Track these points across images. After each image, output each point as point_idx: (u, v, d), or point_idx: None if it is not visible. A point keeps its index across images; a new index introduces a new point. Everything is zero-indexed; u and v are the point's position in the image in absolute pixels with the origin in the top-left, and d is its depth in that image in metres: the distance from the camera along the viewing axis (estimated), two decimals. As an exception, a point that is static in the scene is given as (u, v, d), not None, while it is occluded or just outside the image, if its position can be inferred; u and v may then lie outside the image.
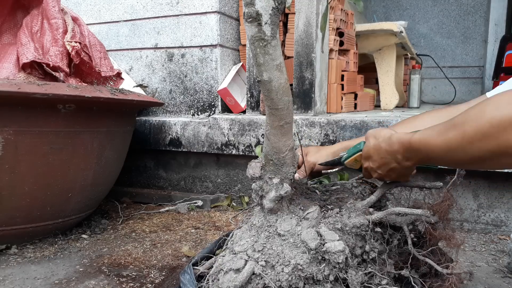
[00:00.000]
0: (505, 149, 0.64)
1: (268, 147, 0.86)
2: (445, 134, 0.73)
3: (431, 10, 4.49)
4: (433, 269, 0.85)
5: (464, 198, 1.53)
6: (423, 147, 0.78)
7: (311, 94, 1.80)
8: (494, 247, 1.36)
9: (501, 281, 1.11)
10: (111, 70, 1.57)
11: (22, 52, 1.35)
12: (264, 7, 0.73)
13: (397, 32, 2.28)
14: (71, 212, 1.43)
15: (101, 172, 1.47)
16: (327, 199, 0.98)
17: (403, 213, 0.86)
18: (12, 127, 1.19)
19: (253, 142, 1.82)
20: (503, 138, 0.63)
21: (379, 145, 0.87)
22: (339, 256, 0.78)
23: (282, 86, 0.79)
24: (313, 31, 1.76)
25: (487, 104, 0.66)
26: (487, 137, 0.65)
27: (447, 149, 0.73)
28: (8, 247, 1.33)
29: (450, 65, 4.37)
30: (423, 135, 0.78)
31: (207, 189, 2.02)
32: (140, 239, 1.46)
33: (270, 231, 0.86)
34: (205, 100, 2.08)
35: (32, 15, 1.46)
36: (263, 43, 0.75)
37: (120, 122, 1.52)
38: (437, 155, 0.77)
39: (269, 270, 0.80)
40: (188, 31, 2.06)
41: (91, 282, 1.10)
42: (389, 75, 2.52)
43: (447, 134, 0.72)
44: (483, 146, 0.66)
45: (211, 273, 0.87)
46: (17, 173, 1.23)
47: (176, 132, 2.00)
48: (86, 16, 2.26)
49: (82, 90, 1.25)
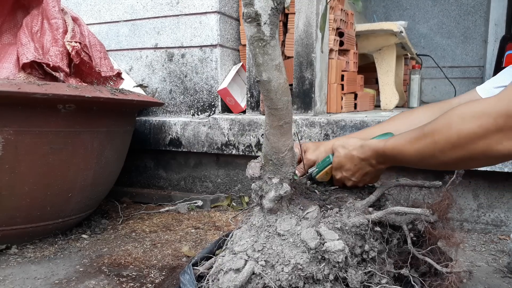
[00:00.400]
0: (473, 156, 0.71)
1: (268, 147, 0.86)
2: (417, 143, 0.79)
3: (431, 10, 4.49)
4: (432, 268, 0.85)
5: (464, 198, 1.53)
6: (397, 154, 0.84)
7: (311, 94, 1.80)
8: (494, 247, 1.36)
9: (501, 281, 1.11)
10: (111, 70, 1.57)
11: (22, 52, 1.35)
12: (263, 7, 0.73)
13: (397, 32, 2.28)
14: (71, 212, 1.43)
15: (101, 172, 1.47)
16: (327, 199, 0.98)
17: (403, 212, 0.86)
18: (12, 127, 1.19)
19: (253, 142, 1.82)
20: (470, 148, 0.71)
21: (351, 154, 0.93)
22: (339, 255, 0.79)
23: (281, 86, 0.79)
24: (313, 31, 1.76)
25: (453, 116, 0.73)
26: (456, 147, 0.72)
27: (420, 157, 0.80)
28: (8, 247, 1.33)
29: (450, 65, 4.37)
30: (396, 143, 0.84)
31: (207, 189, 2.02)
32: (140, 239, 1.46)
33: (270, 231, 0.86)
34: (205, 100, 2.08)
35: (32, 15, 1.46)
36: (262, 43, 0.75)
37: (120, 122, 1.53)
38: (410, 161, 0.84)
39: (269, 269, 0.80)
40: (188, 31, 2.06)
41: (91, 282, 1.10)
42: (389, 75, 2.52)
43: (418, 143, 0.79)
44: (453, 154, 0.74)
45: (211, 273, 0.87)
46: (17, 173, 1.23)
47: (176, 132, 2.00)
48: (86, 16, 2.26)
49: (82, 90, 1.26)
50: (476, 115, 0.69)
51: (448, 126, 0.73)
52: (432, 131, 0.76)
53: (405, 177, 1.09)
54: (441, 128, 0.74)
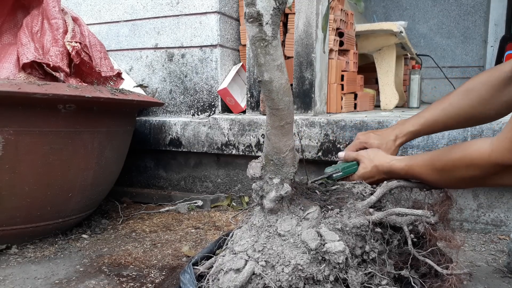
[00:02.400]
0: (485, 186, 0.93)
1: (269, 147, 0.86)
2: (434, 175, 0.90)
3: (431, 10, 4.49)
4: (433, 269, 0.85)
5: (464, 198, 1.53)
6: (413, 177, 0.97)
7: (311, 94, 1.80)
8: (494, 247, 1.36)
9: (500, 281, 1.11)
10: (111, 70, 1.57)
11: (23, 52, 1.35)
12: (265, 7, 0.73)
13: (397, 32, 2.28)
14: (71, 212, 1.43)
15: (101, 172, 1.47)
16: (327, 199, 0.98)
17: (403, 213, 0.86)
18: (12, 127, 1.19)
19: (253, 142, 1.82)
20: (480, 184, 0.85)
21: (377, 170, 1.04)
22: (339, 256, 0.79)
23: (283, 87, 0.79)
24: (313, 31, 1.77)
25: (462, 161, 0.84)
26: (467, 183, 0.89)
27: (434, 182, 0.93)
28: (8, 247, 1.33)
29: (450, 65, 4.37)
30: (416, 170, 0.94)
31: (207, 189, 2.02)
32: (140, 239, 1.46)
33: (270, 231, 0.86)
34: (205, 100, 2.08)
35: (32, 15, 1.46)
36: (264, 43, 0.75)
37: (120, 122, 1.53)
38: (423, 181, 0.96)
39: (269, 270, 0.80)
40: (188, 31, 2.06)
41: (92, 282, 1.10)
42: (389, 75, 2.52)
43: (436, 174, 0.90)
44: (467, 186, 0.96)
45: (211, 273, 0.87)
46: (17, 173, 1.23)
47: (176, 132, 2.00)
48: (86, 16, 2.26)
49: (82, 90, 1.26)
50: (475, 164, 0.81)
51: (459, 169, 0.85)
52: (451, 168, 0.86)
53: (405, 177, 1.08)
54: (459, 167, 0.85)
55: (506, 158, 0.75)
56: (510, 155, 0.75)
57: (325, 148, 1.67)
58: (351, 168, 1.09)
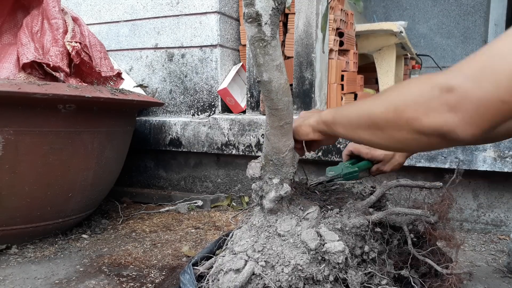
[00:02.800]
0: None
1: (268, 148, 0.86)
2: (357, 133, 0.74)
3: (431, 10, 4.49)
4: (432, 269, 0.85)
5: (464, 198, 1.53)
6: (334, 126, 0.79)
7: (311, 94, 1.80)
8: (494, 247, 1.36)
9: (500, 281, 1.11)
10: (111, 70, 1.57)
11: (23, 52, 1.35)
12: (264, 8, 0.73)
13: (397, 32, 2.28)
14: (71, 212, 1.43)
15: (101, 172, 1.47)
16: (327, 199, 0.98)
17: (403, 213, 0.86)
18: (12, 127, 1.19)
19: (253, 142, 1.82)
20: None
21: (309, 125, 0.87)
22: (339, 256, 0.79)
23: (282, 87, 0.79)
24: (313, 31, 1.76)
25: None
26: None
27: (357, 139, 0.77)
28: (8, 247, 1.33)
29: (450, 65, 4.37)
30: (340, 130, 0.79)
31: (207, 189, 2.02)
32: (140, 239, 1.46)
33: (270, 231, 0.86)
34: (205, 100, 2.08)
35: (32, 15, 1.46)
36: (263, 43, 0.75)
37: (120, 122, 1.53)
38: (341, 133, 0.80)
39: (269, 270, 0.80)
40: (188, 31, 2.06)
41: (92, 282, 1.10)
42: (389, 75, 2.52)
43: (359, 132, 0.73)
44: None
45: (211, 273, 0.87)
46: (17, 173, 1.23)
47: (176, 132, 2.00)
48: (86, 16, 2.26)
49: (82, 90, 1.26)
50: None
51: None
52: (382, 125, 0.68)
53: (405, 177, 1.09)
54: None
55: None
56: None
57: (325, 148, 1.67)
58: (353, 174, 1.05)
